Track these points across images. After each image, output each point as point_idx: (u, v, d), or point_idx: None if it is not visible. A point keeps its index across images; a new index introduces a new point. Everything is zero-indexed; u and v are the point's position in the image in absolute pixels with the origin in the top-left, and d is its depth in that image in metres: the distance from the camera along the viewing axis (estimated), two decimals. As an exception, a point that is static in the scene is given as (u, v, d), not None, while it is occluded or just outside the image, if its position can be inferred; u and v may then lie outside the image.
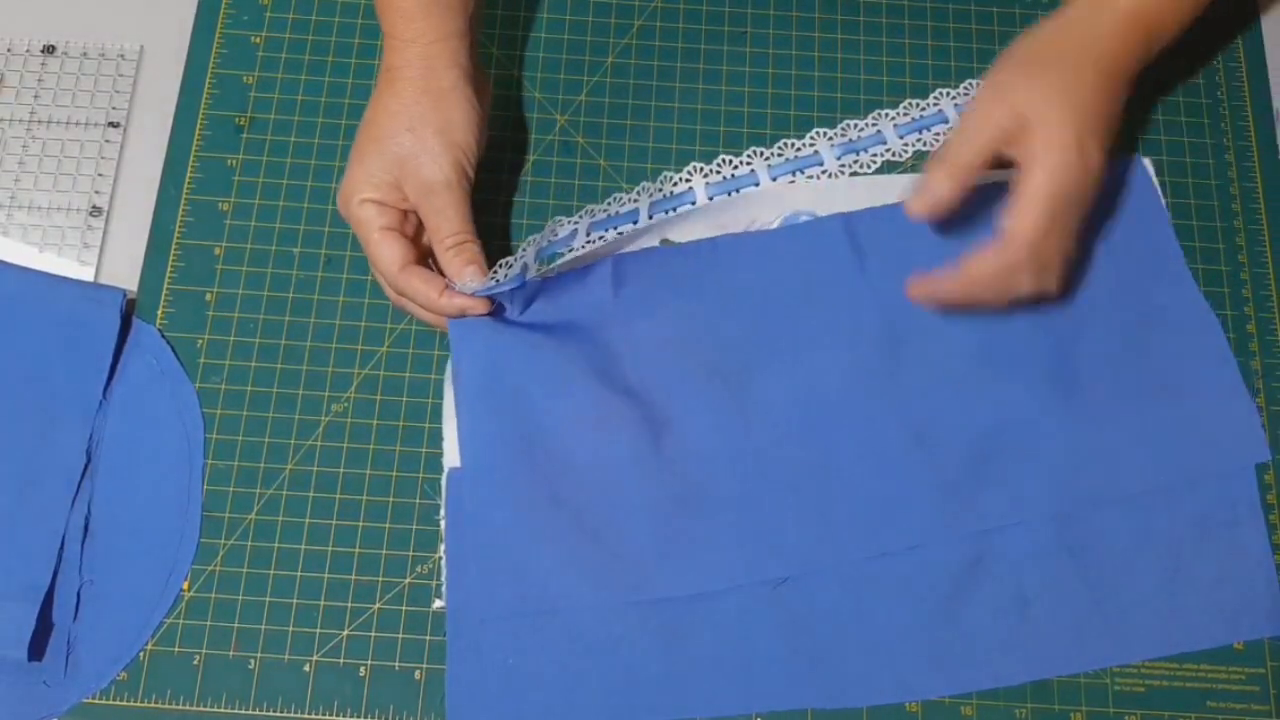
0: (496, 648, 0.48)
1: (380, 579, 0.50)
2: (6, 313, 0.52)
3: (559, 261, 0.51)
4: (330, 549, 0.50)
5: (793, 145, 0.57)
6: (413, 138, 0.48)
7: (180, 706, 0.48)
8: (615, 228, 0.53)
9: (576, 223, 0.54)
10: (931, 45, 0.60)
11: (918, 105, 0.58)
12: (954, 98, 0.58)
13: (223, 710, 0.48)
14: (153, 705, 0.48)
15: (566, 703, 0.47)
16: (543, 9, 0.60)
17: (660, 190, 0.55)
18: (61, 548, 0.49)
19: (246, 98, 0.57)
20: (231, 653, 0.49)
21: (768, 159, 0.57)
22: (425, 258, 0.51)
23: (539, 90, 0.58)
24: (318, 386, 0.53)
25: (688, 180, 0.56)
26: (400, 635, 0.49)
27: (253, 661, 0.49)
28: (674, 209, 0.55)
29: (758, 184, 0.56)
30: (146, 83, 0.58)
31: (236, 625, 0.49)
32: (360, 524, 0.51)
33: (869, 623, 0.49)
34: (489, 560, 0.49)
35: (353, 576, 0.50)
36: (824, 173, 0.56)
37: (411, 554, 0.50)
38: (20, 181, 0.55)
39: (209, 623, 0.49)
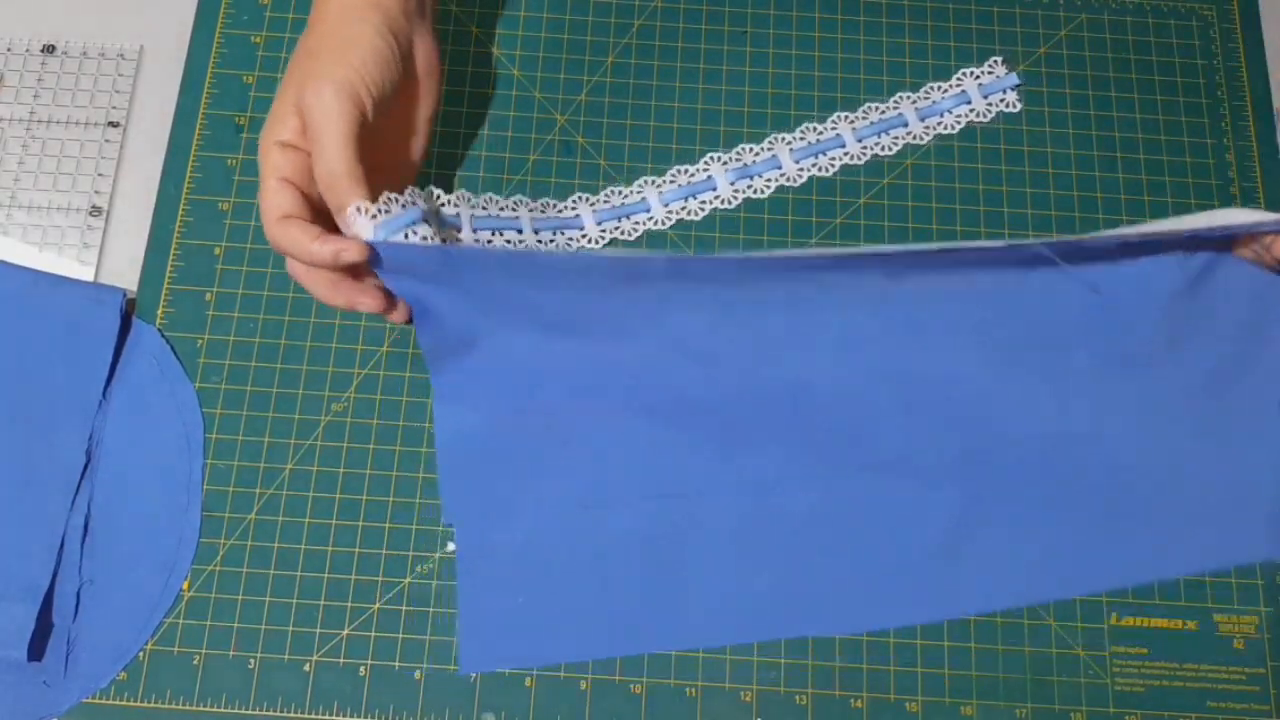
0: (506, 589, 0.49)
1: (380, 579, 0.50)
2: (6, 313, 0.52)
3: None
4: (330, 549, 0.50)
5: (687, 171, 0.57)
6: (311, 74, 0.45)
7: (180, 706, 0.48)
8: (498, 230, 0.52)
9: (456, 205, 0.51)
10: (932, 45, 0.60)
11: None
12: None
13: (223, 710, 0.48)
14: (153, 705, 0.48)
15: (574, 639, 0.49)
16: (543, 9, 0.60)
17: (543, 211, 0.54)
18: (61, 548, 0.49)
19: (246, 98, 0.57)
20: (231, 653, 0.49)
21: (662, 181, 0.57)
22: (318, 217, 0.46)
23: (539, 90, 0.58)
24: (318, 386, 0.53)
25: (573, 208, 0.55)
26: (400, 635, 0.49)
27: (253, 661, 0.49)
28: (561, 229, 0.54)
29: (649, 209, 0.55)
30: (146, 83, 0.58)
31: (236, 625, 0.49)
32: (360, 524, 0.51)
33: (866, 546, 0.50)
34: (484, 484, 0.50)
35: (353, 576, 0.50)
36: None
37: (411, 554, 0.50)
38: (20, 181, 0.55)
39: (209, 623, 0.49)
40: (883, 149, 0.57)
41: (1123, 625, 0.50)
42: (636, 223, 0.55)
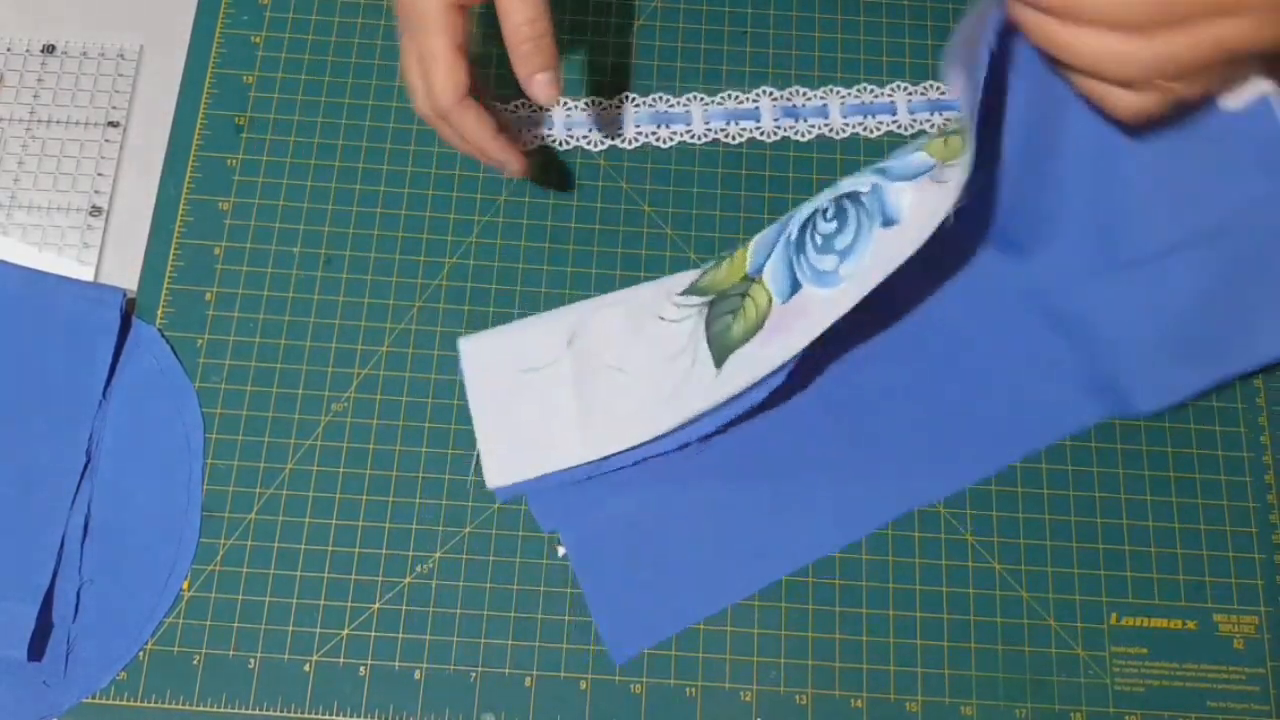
0: (627, 571, 0.50)
1: (380, 579, 0.50)
2: (6, 313, 0.52)
3: None
4: (330, 549, 0.50)
5: (735, 97, 0.57)
6: None
7: (180, 706, 0.48)
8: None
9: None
10: (932, 45, 0.60)
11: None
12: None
13: (223, 710, 0.48)
14: (153, 705, 0.48)
15: (703, 593, 0.50)
16: (543, 9, 0.60)
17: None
18: (61, 548, 0.49)
19: (246, 98, 0.57)
20: (231, 652, 0.49)
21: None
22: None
23: (539, 90, 0.58)
24: (318, 386, 0.53)
25: (617, 106, 0.57)
26: (400, 635, 0.49)
27: (252, 661, 0.49)
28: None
29: (690, 121, 0.57)
30: (146, 83, 0.58)
31: (236, 625, 0.49)
32: (360, 524, 0.51)
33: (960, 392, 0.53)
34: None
35: (353, 576, 0.50)
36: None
37: (411, 554, 0.50)
38: (20, 181, 0.55)
39: (209, 623, 0.49)
40: (932, 126, 0.58)
41: (1123, 625, 0.50)
42: (674, 132, 0.57)
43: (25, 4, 0.58)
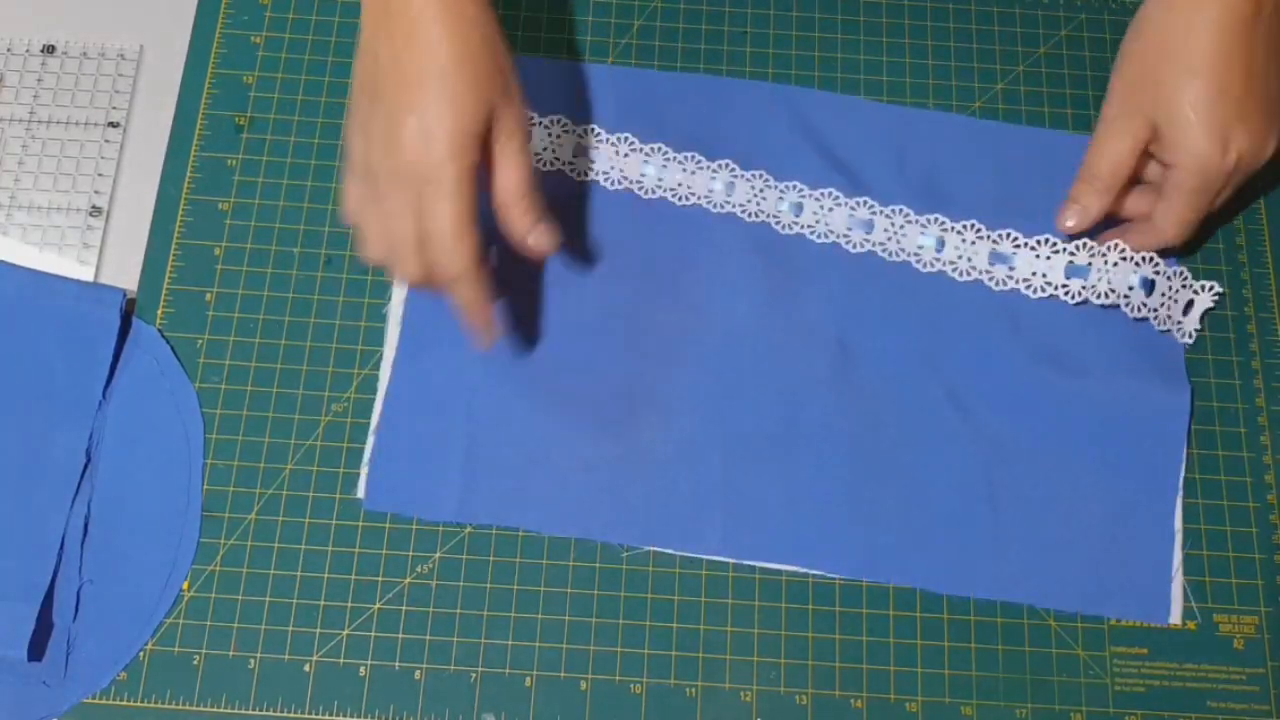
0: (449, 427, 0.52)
1: (380, 579, 0.50)
2: (6, 313, 0.52)
3: None
4: (330, 549, 0.50)
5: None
6: (503, 78, 0.44)
7: (180, 706, 0.48)
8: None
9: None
10: (932, 45, 0.60)
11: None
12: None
13: (223, 710, 0.48)
14: (153, 705, 0.48)
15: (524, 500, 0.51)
16: (543, 9, 0.60)
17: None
18: (61, 548, 0.49)
19: (246, 98, 0.57)
20: (231, 653, 0.49)
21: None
22: None
23: (539, 90, 0.58)
24: (318, 386, 0.53)
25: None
26: (400, 635, 0.49)
27: (253, 661, 0.49)
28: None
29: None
30: (146, 83, 0.58)
31: (236, 625, 0.49)
32: (360, 524, 0.51)
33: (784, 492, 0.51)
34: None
35: (353, 576, 0.50)
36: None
37: (411, 554, 0.50)
38: (20, 181, 0.55)
39: (209, 623, 0.49)
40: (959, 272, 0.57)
41: (1123, 625, 0.50)
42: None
43: (25, 4, 0.58)
